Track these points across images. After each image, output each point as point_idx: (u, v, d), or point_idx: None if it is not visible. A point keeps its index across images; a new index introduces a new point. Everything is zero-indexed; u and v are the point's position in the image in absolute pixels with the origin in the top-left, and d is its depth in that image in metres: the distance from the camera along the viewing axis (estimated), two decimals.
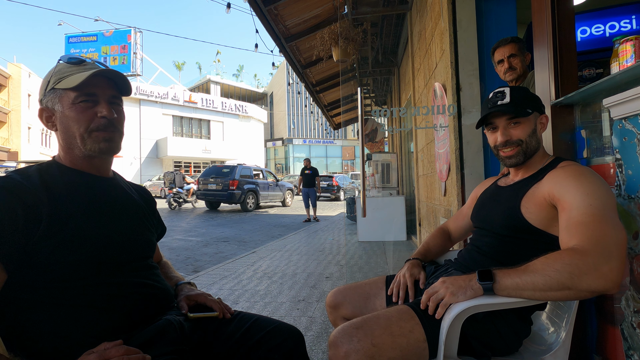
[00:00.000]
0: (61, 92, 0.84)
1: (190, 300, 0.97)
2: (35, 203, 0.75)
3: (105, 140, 0.86)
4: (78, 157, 0.87)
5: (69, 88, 0.82)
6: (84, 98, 0.83)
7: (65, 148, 0.87)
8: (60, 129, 0.86)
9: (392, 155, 6.35)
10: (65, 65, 0.86)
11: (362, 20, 4.73)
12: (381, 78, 7.80)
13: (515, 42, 1.89)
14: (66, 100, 0.83)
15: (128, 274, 0.86)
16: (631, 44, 1.04)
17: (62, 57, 0.87)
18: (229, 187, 10.84)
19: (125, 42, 25.86)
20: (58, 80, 0.84)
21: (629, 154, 1.05)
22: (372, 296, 1.24)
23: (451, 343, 0.92)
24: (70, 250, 0.77)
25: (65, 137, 0.86)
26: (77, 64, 0.86)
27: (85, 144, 0.85)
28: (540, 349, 1.06)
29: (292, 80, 28.86)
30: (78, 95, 0.83)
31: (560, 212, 0.94)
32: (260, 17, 4.37)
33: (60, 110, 0.84)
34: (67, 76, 0.84)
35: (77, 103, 0.83)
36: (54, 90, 0.84)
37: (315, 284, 3.29)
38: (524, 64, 1.90)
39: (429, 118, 3.50)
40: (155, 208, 1.09)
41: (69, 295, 0.77)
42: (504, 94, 1.08)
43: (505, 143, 1.08)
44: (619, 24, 2.53)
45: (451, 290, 0.91)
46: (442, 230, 1.41)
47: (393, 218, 5.45)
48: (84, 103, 0.84)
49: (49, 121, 0.87)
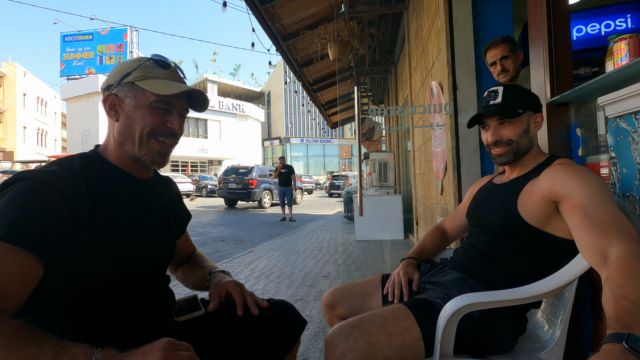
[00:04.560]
0: (140, 89, 0.82)
1: (220, 290, 0.96)
2: (78, 207, 0.73)
3: (160, 154, 0.85)
4: (126, 155, 0.85)
5: (153, 92, 0.81)
6: (161, 105, 0.82)
7: (117, 142, 0.84)
8: (122, 122, 0.83)
9: (389, 154, 6.36)
10: (152, 64, 0.84)
11: (359, 19, 4.73)
12: (378, 77, 7.80)
13: (506, 43, 1.87)
14: (142, 100, 0.82)
15: (145, 285, 0.86)
16: (625, 42, 1.05)
17: (153, 55, 0.85)
18: (248, 186, 11.87)
19: (121, 40, 25.72)
20: (142, 77, 0.82)
21: (623, 152, 1.05)
22: (368, 295, 1.24)
23: (447, 342, 0.93)
24: (100, 261, 0.76)
25: (123, 132, 0.83)
26: (163, 67, 0.85)
27: (141, 147, 0.83)
28: (536, 347, 1.06)
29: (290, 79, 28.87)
30: (157, 101, 0.82)
31: (571, 207, 0.91)
32: (257, 15, 4.36)
33: (132, 105, 0.82)
34: (152, 78, 0.82)
35: (153, 107, 0.82)
36: (132, 84, 0.82)
37: (312, 283, 3.29)
38: (517, 64, 1.89)
39: (425, 117, 3.50)
40: (181, 201, 1.07)
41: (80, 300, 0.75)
42: (496, 93, 1.08)
43: (495, 142, 1.09)
44: (614, 22, 2.54)
45: None
46: (438, 229, 1.41)
47: (390, 217, 5.46)
48: (160, 110, 0.82)
49: (112, 109, 0.84)
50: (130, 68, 0.83)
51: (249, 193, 11.87)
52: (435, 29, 2.92)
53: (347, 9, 4.42)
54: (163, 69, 0.85)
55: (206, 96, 0.90)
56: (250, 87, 41.02)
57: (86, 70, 25.63)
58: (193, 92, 0.87)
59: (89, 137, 22.68)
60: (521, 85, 1.25)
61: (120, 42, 25.71)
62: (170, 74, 0.85)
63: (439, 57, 2.85)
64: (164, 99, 0.82)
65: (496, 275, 1.06)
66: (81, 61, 25.93)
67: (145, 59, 0.85)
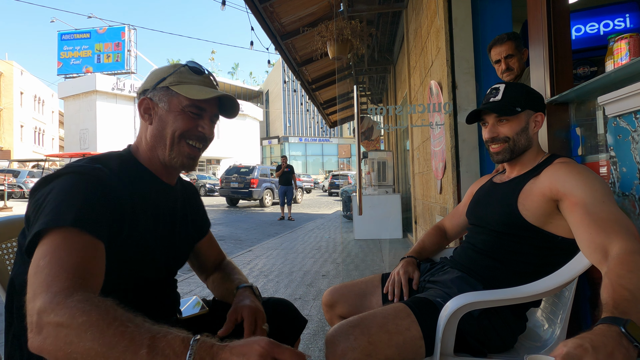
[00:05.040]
0: (174, 93, 0.84)
1: (237, 314, 0.91)
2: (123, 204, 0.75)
3: (189, 157, 0.87)
4: (157, 159, 0.87)
5: (187, 97, 0.83)
6: (194, 110, 0.84)
7: (149, 145, 0.86)
8: (155, 125, 0.85)
9: (388, 153, 6.36)
10: (187, 70, 0.87)
11: (358, 18, 4.72)
12: (377, 76, 7.80)
13: (512, 40, 1.83)
14: (175, 104, 0.84)
15: (154, 288, 0.87)
16: (626, 42, 1.05)
17: (188, 62, 0.89)
18: (250, 185, 12.04)
19: (119, 39, 25.63)
20: (177, 82, 0.85)
21: (623, 151, 1.05)
22: (368, 294, 1.24)
23: (448, 340, 0.93)
24: (121, 262, 0.76)
25: (155, 134, 0.85)
26: (197, 74, 0.88)
27: (171, 150, 0.85)
28: (536, 346, 1.06)
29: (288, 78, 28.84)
30: (190, 105, 0.84)
31: (572, 206, 0.92)
32: (256, 14, 4.35)
33: (165, 109, 0.84)
34: (187, 84, 0.85)
35: (185, 111, 0.84)
36: (167, 89, 0.85)
37: (311, 282, 3.29)
38: (522, 63, 1.85)
39: (424, 116, 3.50)
40: (202, 208, 1.07)
41: None
42: (497, 91, 1.08)
43: (492, 139, 1.09)
44: (613, 22, 2.54)
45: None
46: (438, 228, 1.41)
47: (389, 216, 5.46)
48: (192, 114, 0.85)
49: (146, 112, 0.86)
50: (166, 73, 0.86)
51: (251, 192, 12.05)
52: (435, 28, 2.92)
53: (346, 7, 4.42)
54: (197, 75, 0.87)
55: (237, 102, 0.91)
56: (248, 86, 40.96)
57: (84, 69, 25.53)
58: (224, 98, 0.89)
59: (87, 136, 22.61)
60: (525, 83, 1.25)
61: (118, 40, 25.61)
62: (203, 80, 0.88)
63: (438, 56, 2.85)
64: (197, 103, 0.84)
65: (496, 274, 1.06)
66: (79, 60, 25.83)
67: (181, 65, 0.88)
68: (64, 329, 0.54)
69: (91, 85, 22.54)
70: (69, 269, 0.61)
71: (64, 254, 0.62)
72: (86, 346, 0.53)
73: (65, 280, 0.59)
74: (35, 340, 0.56)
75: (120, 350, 0.53)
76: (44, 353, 0.56)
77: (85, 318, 0.55)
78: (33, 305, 0.57)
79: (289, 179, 8.85)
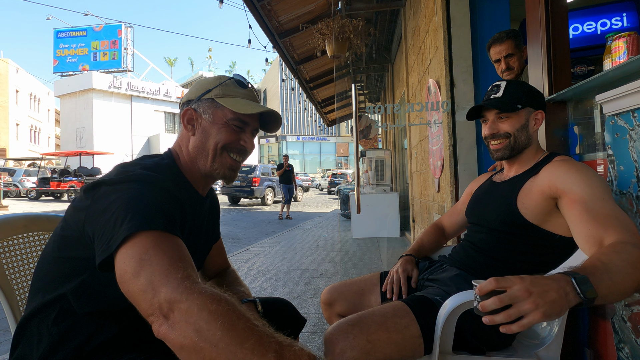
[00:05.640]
0: (219, 106, 0.85)
1: None
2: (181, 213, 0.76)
3: (231, 169, 0.87)
4: (197, 169, 0.87)
5: (232, 110, 0.84)
6: (237, 123, 0.85)
7: (191, 156, 0.86)
8: (198, 136, 0.86)
9: (385, 152, 6.37)
10: (232, 83, 0.88)
11: (356, 16, 4.72)
12: (375, 75, 7.79)
13: (511, 39, 1.79)
14: (220, 116, 0.85)
15: None
16: (624, 40, 1.05)
17: (234, 75, 0.89)
18: (252, 184, 12.18)
19: (115, 37, 25.48)
20: (223, 95, 0.85)
21: (621, 150, 1.06)
22: (367, 293, 1.24)
23: (447, 338, 0.93)
24: None
25: (198, 146, 0.86)
26: (243, 87, 0.89)
27: (214, 162, 0.85)
28: (534, 343, 1.07)
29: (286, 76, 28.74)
30: (234, 119, 0.85)
31: (571, 203, 0.92)
32: (254, 12, 4.33)
33: (209, 121, 0.85)
34: (233, 97, 0.86)
35: (229, 124, 0.85)
36: (212, 100, 0.85)
37: (309, 280, 3.29)
38: (522, 61, 1.82)
39: (422, 114, 3.50)
40: (218, 218, 1.07)
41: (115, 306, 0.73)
42: (499, 88, 1.08)
43: (493, 136, 1.09)
44: (610, 21, 2.55)
45: (544, 310, 0.64)
46: (437, 227, 1.41)
47: (387, 214, 5.47)
48: (235, 127, 0.85)
49: (189, 123, 0.87)
50: (212, 85, 0.87)
51: (253, 190, 12.24)
52: (433, 26, 2.92)
53: (344, 6, 4.41)
54: (242, 88, 0.88)
55: (280, 118, 0.92)
56: None
57: (80, 67, 25.37)
58: (267, 113, 0.89)
59: (83, 134, 22.49)
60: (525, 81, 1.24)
61: (115, 38, 25.46)
62: (248, 93, 0.88)
63: (436, 55, 2.85)
64: (241, 117, 0.85)
65: (495, 273, 1.06)
66: (75, 57, 25.66)
67: (227, 78, 0.88)
68: (194, 316, 0.53)
69: (87, 83, 22.41)
70: (181, 259, 0.60)
71: (168, 249, 0.61)
72: (216, 336, 0.51)
73: (183, 268, 0.58)
74: (162, 328, 0.54)
75: (248, 348, 0.51)
76: (169, 341, 0.54)
77: (216, 306, 0.54)
78: (155, 295, 0.55)
79: (290, 178, 8.97)
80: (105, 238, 0.63)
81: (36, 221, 1.01)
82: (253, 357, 0.51)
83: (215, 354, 0.51)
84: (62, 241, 0.74)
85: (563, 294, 0.65)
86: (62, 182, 14.56)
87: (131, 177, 0.71)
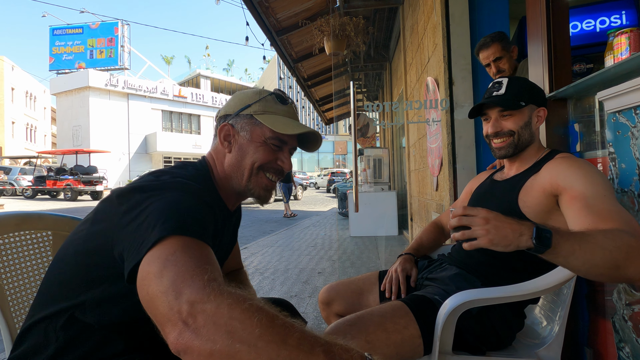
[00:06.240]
0: (258, 123, 0.81)
1: None
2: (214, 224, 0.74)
3: (266, 189, 0.84)
4: (231, 186, 0.84)
5: (272, 129, 0.80)
6: (276, 142, 0.82)
7: (226, 173, 0.84)
8: (234, 154, 0.83)
9: (384, 151, 6.35)
10: (272, 99, 0.84)
11: (355, 13, 4.69)
12: (373, 73, 7.77)
13: (497, 42, 1.78)
14: (258, 134, 0.81)
15: None
16: (626, 36, 1.04)
17: (275, 90, 0.86)
18: None
19: (112, 34, 25.30)
20: (262, 111, 0.82)
21: (622, 147, 1.04)
22: (365, 292, 1.23)
23: (446, 338, 0.92)
24: None
25: (233, 164, 0.83)
26: (283, 103, 0.85)
27: (249, 181, 0.83)
28: (534, 343, 1.06)
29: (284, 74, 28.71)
30: (272, 138, 0.81)
31: (571, 199, 0.91)
32: (251, 9, 4.30)
33: (247, 139, 0.82)
34: (272, 114, 0.82)
35: (268, 143, 0.82)
36: (251, 117, 0.82)
37: (307, 279, 3.28)
38: (512, 61, 1.82)
39: (421, 112, 3.49)
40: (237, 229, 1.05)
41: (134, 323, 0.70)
42: (500, 85, 1.06)
43: (496, 134, 1.07)
44: (610, 19, 2.54)
45: (492, 237, 0.72)
46: (436, 225, 1.40)
47: (385, 213, 5.46)
48: (274, 146, 0.82)
49: (226, 139, 0.83)
50: (251, 100, 0.83)
51: None
52: (432, 24, 2.90)
53: (342, 3, 4.38)
54: (282, 105, 0.85)
55: (321, 138, 0.89)
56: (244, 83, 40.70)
57: (76, 65, 25.19)
58: (310, 135, 0.86)
59: (80, 132, 22.35)
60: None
61: (111, 36, 25.29)
62: (288, 110, 0.85)
63: (435, 53, 2.84)
64: (280, 136, 0.82)
65: (495, 271, 1.05)
66: (71, 55, 25.47)
67: (267, 93, 0.85)
68: (224, 317, 0.47)
69: (84, 81, 22.25)
70: (209, 263, 0.56)
71: (197, 253, 0.57)
72: (254, 334, 0.46)
73: (210, 271, 0.54)
74: (183, 337, 0.47)
75: (292, 345, 0.46)
76: (194, 350, 0.47)
77: (249, 303, 0.49)
78: (177, 297, 0.49)
79: (289, 176, 9.04)
80: (136, 244, 0.59)
81: (28, 220, 0.98)
82: (300, 353, 0.46)
83: (255, 354, 0.45)
84: (87, 246, 0.70)
85: (517, 234, 0.72)
86: (58, 181, 14.49)
87: (168, 185, 0.69)
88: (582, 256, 0.72)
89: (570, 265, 0.75)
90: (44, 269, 0.99)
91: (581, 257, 0.72)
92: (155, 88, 24.60)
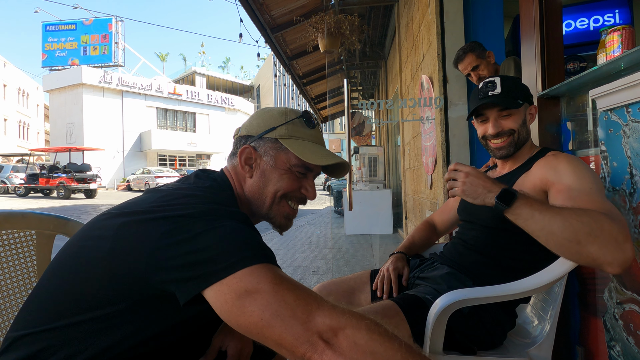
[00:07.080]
0: (284, 149, 0.76)
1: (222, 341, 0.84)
2: None
3: (287, 218, 0.80)
4: (250, 210, 0.80)
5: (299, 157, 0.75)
6: (301, 170, 0.77)
7: (246, 198, 0.79)
8: (256, 179, 0.77)
9: (379, 149, 6.36)
10: (300, 122, 0.78)
11: (350, 11, 4.67)
12: (368, 71, 7.76)
13: (470, 52, 1.82)
14: (283, 160, 0.76)
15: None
16: (618, 34, 1.03)
17: (303, 113, 0.80)
18: None
19: (106, 31, 25.05)
20: (288, 136, 0.76)
21: (614, 145, 1.04)
22: (357, 291, 1.22)
23: (437, 338, 0.91)
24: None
25: (255, 191, 0.78)
26: (310, 127, 0.79)
27: (270, 209, 0.78)
28: (525, 342, 1.05)
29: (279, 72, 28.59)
30: (298, 165, 0.76)
31: (556, 192, 0.91)
32: (245, 5, 4.26)
33: (270, 165, 0.76)
34: (299, 139, 0.77)
35: (292, 171, 0.77)
36: (276, 141, 0.76)
37: (301, 278, 3.27)
38: (490, 66, 1.85)
39: (415, 110, 3.49)
40: None
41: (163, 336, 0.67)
42: (494, 84, 1.05)
43: (497, 134, 1.06)
44: (603, 17, 2.55)
45: (465, 189, 0.90)
46: (428, 224, 1.39)
47: (380, 211, 5.47)
48: (299, 174, 0.78)
49: (247, 163, 0.77)
50: (277, 122, 0.77)
51: None
52: (426, 22, 2.89)
53: (337, 1, 4.36)
54: (310, 128, 0.79)
55: (348, 167, 0.84)
56: (239, 81, 40.53)
57: (69, 61, 24.92)
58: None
59: (73, 130, 22.12)
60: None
61: (105, 32, 25.03)
62: (315, 134, 0.80)
63: (429, 51, 2.83)
64: (307, 164, 0.77)
65: (486, 270, 1.05)
66: (64, 52, 25.19)
67: (294, 116, 0.79)
68: (363, 339, 0.51)
69: (77, 78, 21.99)
70: (306, 288, 0.57)
71: (290, 278, 0.57)
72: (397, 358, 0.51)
73: (322, 297, 0.56)
74: (324, 355, 0.51)
75: None
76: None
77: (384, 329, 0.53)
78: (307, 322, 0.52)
79: None
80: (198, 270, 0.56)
81: (10, 219, 0.96)
82: None
83: None
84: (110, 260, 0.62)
85: (486, 191, 0.87)
86: (51, 179, 14.33)
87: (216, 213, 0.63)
88: (541, 221, 0.79)
89: (530, 229, 0.82)
90: (27, 270, 0.97)
91: (540, 222, 0.79)
92: (150, 85, 24.39)
